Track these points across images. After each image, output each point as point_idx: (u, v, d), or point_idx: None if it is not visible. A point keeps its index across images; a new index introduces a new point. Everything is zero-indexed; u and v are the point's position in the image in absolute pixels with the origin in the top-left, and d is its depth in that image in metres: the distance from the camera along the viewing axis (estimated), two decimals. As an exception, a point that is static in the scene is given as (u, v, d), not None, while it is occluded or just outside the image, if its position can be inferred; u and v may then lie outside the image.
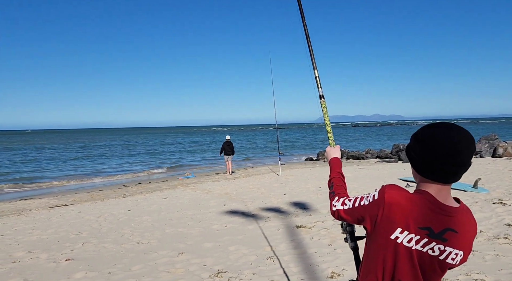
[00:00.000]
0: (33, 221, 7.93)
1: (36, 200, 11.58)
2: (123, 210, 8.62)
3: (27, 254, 5.49)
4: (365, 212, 1.44)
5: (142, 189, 13.10)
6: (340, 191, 1.72)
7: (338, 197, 1.65)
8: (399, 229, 1.33)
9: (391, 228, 1.34)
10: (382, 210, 1.36)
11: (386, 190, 1.39)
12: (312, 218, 6.67)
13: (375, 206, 1.39)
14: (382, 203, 1.37)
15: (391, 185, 1.43)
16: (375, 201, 1.40)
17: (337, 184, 1.80)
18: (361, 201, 1.48)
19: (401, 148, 19.87)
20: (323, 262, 4.48)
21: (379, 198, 1.39)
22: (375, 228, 1.40)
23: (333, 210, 1.62)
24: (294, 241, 5.42)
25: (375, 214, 1.39)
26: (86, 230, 6.88)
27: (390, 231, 1.35)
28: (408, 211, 1.33)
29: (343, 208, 1.56)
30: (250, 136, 68.25)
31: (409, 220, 1.33)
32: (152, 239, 6.01)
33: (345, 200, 1.58)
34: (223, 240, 5.74)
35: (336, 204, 1.61)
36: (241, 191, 10.52)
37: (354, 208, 1.50)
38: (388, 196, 1.36)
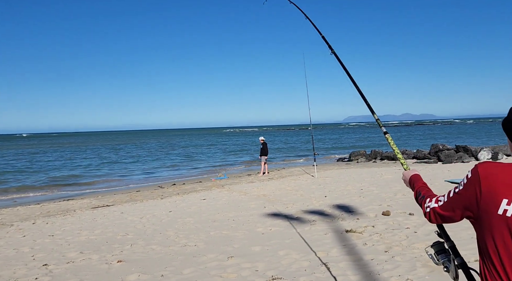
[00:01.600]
0: (79, 222, 8.12)
1: (78, 201, 11.93)
2: (164, 211, 8.68)
3: (79, 255, 5.58)
4: (462, 197, 1.33)
5: (178, 190, 13.22)
6: (431, 193, 1.61)
7: (430, 198, 1.54)
8: (505, 200, 1.20)
9: (495, 202, 1.21)
10: (479, 186, 1.25)
11: (479, 165, 1.30)
12: (360, 222, 6.41)
13: (471, 185, 1.29)
14: (477, 179, 1.26)
15: (482, 161, 1.35)
16: (470, 180, 1.30)
17: (425, 190, 1.68)
18: (455, 189, 1.38)
19: (440, 148, 19.04)
20: (383, 271, 4.24)
21: (472, 175, 1.29)
22: (479, 210, 1.26)
23: (427, 211, 1.51)
24: (346, 247, 5.20)
25: (473, 193, 1.28)
26: (132, 231, 6.95)
27: (496, 206, 1.21)
28: (509, 177, 1.21)
29: (438, 204, 1.46)
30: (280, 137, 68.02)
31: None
32: (198, 242, 5.97)
33: (438, 197, 1.49)
34: (270, 244, 5.61)
35: (429, 204, 1.51)
36: (279, 192, 10.37)
37: (449, 199, 1.40)
38: (482, 169, 1.27)
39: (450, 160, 16.44)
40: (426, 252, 1.75)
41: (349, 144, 39.95)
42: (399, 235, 5.48)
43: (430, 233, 5.44)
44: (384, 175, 12.45)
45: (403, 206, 7.38)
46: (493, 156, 16.21)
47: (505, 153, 16.69)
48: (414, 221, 6.19)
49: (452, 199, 1.38)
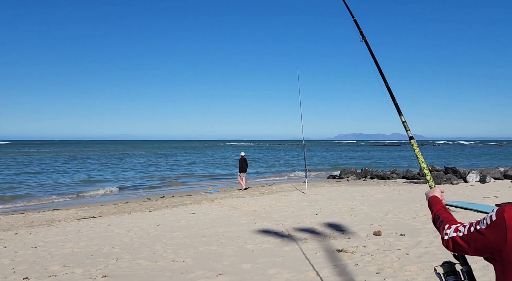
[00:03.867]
0: (64, 233, 7.89)
1: (64, 211, 11.63)
2: (152, 224, 8.50)
3: (62, 268, 5.38)
4: (483, 238, 1.24)
5: (167, 202, 13.01)
6: (450, 219, 1.52)
7: (449, 224, 1.45)
8: None
9: None
10: (504, 234, 1.17)
11: (506, 209, 1.20)
12: (351, 242, 6.35)
13: (495, 229, 1.20)
14: (503, 225, 1.18)
15: (511, 203, 1.23)
16: (494, 222, 1.21)
17: (444, 214, 1.59)
18: (477, 225, 1.29)
19: (430, 169, 19.21)
20: (375, 292, 4.17)
21: (497, 219, 1.20)
22: (503, 255, 1.19)
23: (445, 238, 1.42)
24: (338, 267, 5.12)
25: (496, 239, 1.20)
26: (118, 244, 6.76)
27: None
28: None
29: (457, 234, 1.37)
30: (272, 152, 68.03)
31: None
32: (187, 257, 5.82)
33: (458, 227, 1.40)
34: (260, 262, 5.49)
35: (448, 231, 1.42)
36: (270, 208, 10.27)
37: (470, 234, 1.31)
38: (510, 216, 1.17)
39: (439, 181, 16.57)
40: (435, 271, 1.68)
41: (340, 161, 40.11)
42: (390, 256, 5.43)
43: (422, 255, 5.40)
44: (374, 194, 12.46)
45: (394, 226, 7.35)
46: (481, 179, 16.40)
47: (493, 176, 16.91)
48: (406, 242, 6.16)
49: (472, 235, 1.30)
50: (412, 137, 2.25)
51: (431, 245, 5.88)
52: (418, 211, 8.79)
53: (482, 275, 4.31)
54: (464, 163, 34.34)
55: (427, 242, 6.08)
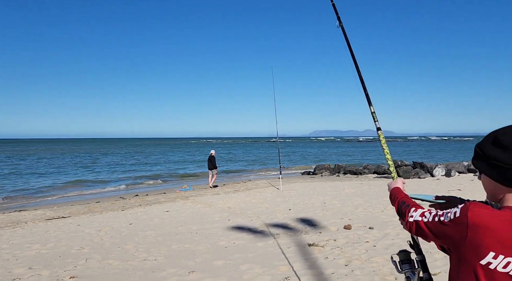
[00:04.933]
0: (30, 234, 7.62)
1: (31, 212, 11.22)
2: (124, 224, 8.36)
3: (27, 271, 5.22)
4: (445, 230, 1.28)
5: (141, 201, 12.81)
6: (415, 204, 1.53)
7: (415, 208, 1.46)
8: (492, 253, 1.17)
9: (480, 252, 1.19)
10: (465, 231, 1.21)
11: (470, 208, 1.23)
12: (322, 236, 6.50)
13: (457, 225, 1.24)
14: (465, 224, 1.21)
15: (475, 202, 1.28)
16: (457, 219, 1.24)
17: (408, 200, 1.59)
18: (441, 216, 1.31)
19: (399, 164, 19.88)
20: (343, 284, 4.31)
21: (461, 217, 1.23)
22: (460, 249, 1.24)
23: (410, 220, 1.43)
24: (308, 261, 5.25)
25: (457, 234, 1.23)
26: (88, 244, 6.61)
27: (479, 256, 1.19)
28: (501, 231, 1.17)
29: (422, 219, 1.38)
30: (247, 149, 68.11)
31: (504, 242, 1.16)
32: (159, 256, 5.78)
33: (424, 212, 1.41)
34: (233, 258, 5.54)
35: (414, 214, 1.43)
36: (244, 205, 10.33)
37: (434, 222, 1.33)
38: (473, 216, 1.21)
39: (408, 176, 17.19)
40: (391, 259, 1.75)
41: (315, 158, 40.75)
42: (359, 249, 5.61)
43: (388, 247, 5.62)
44: (346, 189, 12.78)
45: (363, 220, 7.58)
46: (446, 173, 17.14)
47: (457, 170, 17.72)
48: (374, 235, 6.37)
49: (436, 224, 1.33)
50: (379, 128, 2.24)
51: (397, 237, 6.12)
52: (387, 205, 9.10)
53: (444, 264, 4.55)
54: (434, 157, 35.75)
55: (393, 234, 6.32)
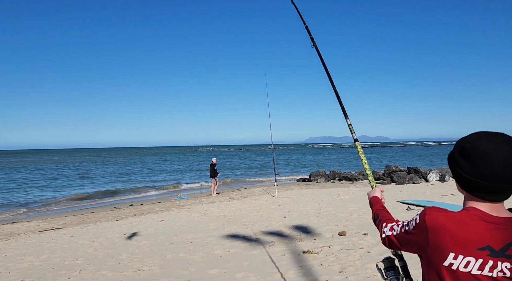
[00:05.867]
0: (24, 246, 7.55)
1: (24, 224, 11.11)
2: (119, 234, 8.31)
3: (20, 283, 5.16)
4: (410, 237, 1.35)
5: (135, 211, 12.74)
6: (387, 218, 1.63)
7: (386, 223, 1.56)
8: (452, 254, 1.21)
9: (441, 254, 1.23)
10: (426, 235, 1.26)
11: (427, 213, 1.29)
12: (317, 243, 6.52)
13: (418, 230, 1.30)
14: (424, 228, 1.27)
15: (432, 207, 1.33)
16: (417, 225, 1.31)
17: (382, 213, 1.71)
18: (406, 226, 1.39)
19: (393, 170, 20.01)
20: (337, 291, 4.32)
21: (420, 222, 1.30)
22: (425, 254, 1.30)
23: (383, 237, 1.53)
24: (303, 268, 5.25)
25: (420, 240, 1.30)
26: (82, 255, 6.56)
27: (441, 258, 1.23)
28: (457, 232, 1.21)
29: (392, 233, 1.47)
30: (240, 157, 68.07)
31: (462, 242, 1.20)
32: (153, 266, 5.75)
33: (393, 226, 1.50)
34: (228, 267, 5.53)
35: (385, 230, 1.53)
36: (239, 213, 10.31)
37: (401, 233, 1.42)
38: (430, 219, 1.26)
39: (402, 181, 17.30)
40: (376, 266, 1.80)
41: (310, 164, 40.81)
42: (353, 255, 5.63)
43: (383, 253, 5.64)
44: (341, 195, 12.81)
45: (358, 226, 7.61)
46: (440, 178, 17.27)
47: (451, 175, 17.84)
48: (368, 241, 6.40)
49: (402, 235, 1.40)
50: (356, 140, 2.31)
51: (392, 243, 6.15)
52: (381, 211, 9.14)
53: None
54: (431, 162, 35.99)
55: (388, 240, 6.34)
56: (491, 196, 1.22)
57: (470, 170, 1.23)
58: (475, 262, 1.20)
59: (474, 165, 1.22)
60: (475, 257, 1.19)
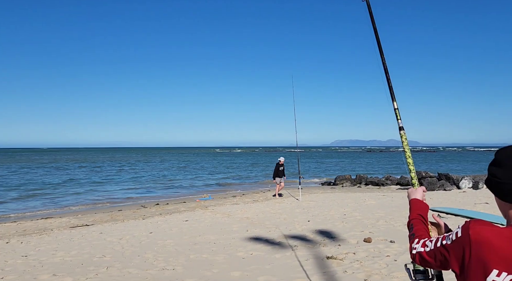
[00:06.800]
0: (56, 241, 7.88)
1: (57, 219, 11.60)
2: (145, 232, 8.50)
3: (51, 277, 5.38)
4: (448, 252, 1.29)
5: (161, 210, 13.00)
6: (421, 233, 1.56)
7: (418, 239, 1.50)
8: (495, 271, 1.17)
9: (485, 269, 1.18)
10: (469, 250, 1.21)
11: (471, 226, 1.24)
12: (341, 249, 6.39)
13: (459, 244, 1.25)
14: (467, 242, 1.22)
15: (477, 220, 1.28)
16: (458, 239, 1.25)
17: (417, 225, 1.63)
18: (443, 240, 1.33)
19: (423, 175, 19.35)
20: (362, 299, 4.22)
21: (462, 236, 1.24)
22: (465, 270, 1.24)
23: (413, 253, 1.47)
24: (326, 274, 5.17)
25: (460, 254, 1.24)
26: (109, 252, 6.76)
27: (484, 273, 1.19)
28: (503, 248, 1.17)
29: (424, 249, 1.42)
30: (267, 159, 68.03)
31: (507, 259, 1.16)
32: (177, 265, 5.84)
33: (426, 241, 1.44)
34: (250, 269, 5.53)
35: (416, 246, 1.47)
36: (263, 215, 10.30)
37: (436, 248, 1.36)
38: (474, 233, 1.21)
39: (433, 188, 16.68)
40: (405, 266, 1.74)
41: (335, 168, 40.20)
42: (379, 263, 5.48)
43: (410, 262, 5.45)
44: (367, 201, 12.52)
45: (384, 233, 7.41)
46: (473, 185, 16.53)
47: (485, 182, 17.05)
48: (395, 249, 6.21)
49: (438, 249, 1.35)
50: (402, 128, 2.07)
51: (420, 252, 5.94)
52: (409, 218, 8.86)
53: None
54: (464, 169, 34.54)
55: (416, 249, 6.13)
56: None
57: (506, 175, 1.21)
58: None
59: (508, 169, 1.21)
60: None
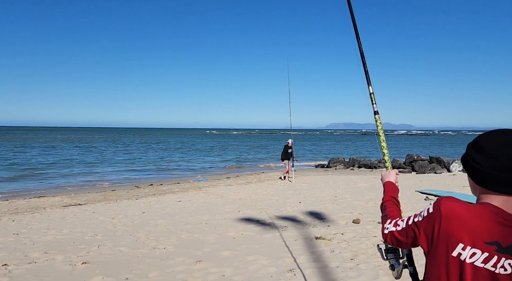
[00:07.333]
0: (48, 220, 7.91)
1: (50, 198, 11.62)
2: (137, 212, 8.56)
3: (43, 255, 5.44)
4: (419, 228, 1.32)
5: (155, 190, 13.07)
6: (393, 214, 1.58)
7: (391, 220, 1.53)
8: (461, 244, 1.21)
9: (451, 243, 1.22)
10: (438, 224, 1.24)
11: (442, 202, 1.27)
12: (330, 229, 6.51)
13: (431, 220, 1.28)
14: (438, 216, 1.25)
15: (448, 197, 1.31)
16: (430, 214, 1.28)
17: (390, 207, 1.65)
18: (415, 218, 1.36)
19: (415, 159, 19.56)
20: (347, 278, 4.32)
21: (434, 211, 1.27)
22: (433, 245, 1.28)
23: (385, 232, 1.50)
24: (314, 253, 5.27)
25: (430, 230, 1.27)
26: (101, 231, 6.82)
27: (450, 247, 1.23)
28: (470, 223, 1.21)
29: (396, 229, 1.44)
30: (262, 141, 68.20)
31: (473, 234, 1.20)
32: (168, 245, 5.91)
33: (397, 221, 1.47)
34: (240, 249, 5.62)
35: (388, 226, 1.50)
36: (255, 197, 10.40)
37: (407, 226, 1.38)
38: (445, 208, 1.25)
39: (424, 171, 16.90)
40: (377, 246, 1.78)
41: (330, 151, 40.44)
42: (366, 243, 5.59)
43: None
44: (359, 183, 12.67)
45: (373, 215, 7.53)
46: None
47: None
48: (383, 230, 6.33)
49: (410, 226, 1.37)
50: (376, 112, 2.08)
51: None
52: (399, 200, 9.00)
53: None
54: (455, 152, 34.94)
55: (403, 230, 6.26)
56: (505, 189, 1.22)
57: (484, 161, 1.24)
58: (480, 254, 1.20)
59: (488, 156, 1.23)
60: (481, 250, 1.20)
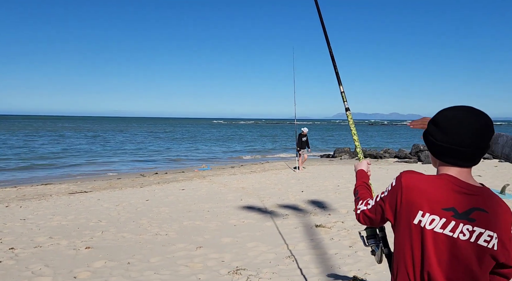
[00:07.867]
0: (54, 206, 8.07)
1: (56, 185, 11.82)
2: (141, 200, 8.68)
3: (48, 240, 5.57)
4: (385, 202, 1.40)
5: (159, 179, 13.20)
6: (364, 196, 1.67)
7: (362, 200, 1.61)
8: (421, 211, 1.29)
9: (412, 212, 1.30)
10: (400, 195, 1.33)
11: (403, 175, 1.36)
12: (331, 218, 6.54)
13: (394, 192, 1.37)
14: (399, 188, 1.34)
15: (408, 170, 1.40)
16: (393, 187, 1.38)
17: (362, 190, 1.73)
18: (382, 194, 1.45)
19: (421, 149, 19.41)
20: (344, 265, 4.37)
21: (396, 184, 1.37)
22: (397, 216, 1.36)
23: (358, 213, 1.58)
24: (313, 241, 5.32)
25: (394, 202, 1.36)
26: (105, 218, 6.94)
27: (411, 216, 1.31)
28: (428, 192, 1.29)
29: (367, 207, 1.52)
30: (269, 130, 68.16)
31: (431, 201, 1.28)
32: (170, 231, 6.01)
33: (368, 200, 1.55)
34: (241, 236, 5.69)
35: (360, 206, 1.58)
36: (258, 186, 10.46)
37: (376, 203, 1.47)
38: (405, 180, 1.34)
39: (429, 161, 16.77)
40: (359, 234, 1.87)
41: (336, 141, 40.31)
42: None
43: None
44: (363, 173, 12.65)
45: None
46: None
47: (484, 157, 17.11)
48: (383, 219, 6.35)
49: (378, 203, 1.45)
50: (348, 109, 2.22)
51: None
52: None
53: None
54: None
55: (403, 219, 6.28)
56: (461, 162, 1.30)
57: (442, 136, 1.31)
58: (439, 220, 1.27)
59: (445, 132, 1.29)
60: (439, 216, 1.27)
